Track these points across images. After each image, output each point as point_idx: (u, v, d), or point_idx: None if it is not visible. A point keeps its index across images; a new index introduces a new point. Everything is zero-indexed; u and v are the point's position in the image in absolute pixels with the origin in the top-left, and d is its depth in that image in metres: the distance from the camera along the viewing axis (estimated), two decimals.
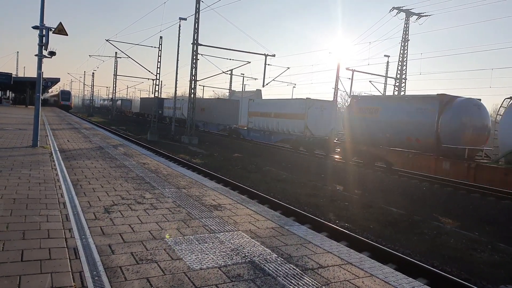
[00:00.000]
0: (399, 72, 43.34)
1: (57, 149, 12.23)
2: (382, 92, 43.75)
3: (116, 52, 56.89)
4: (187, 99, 34.79)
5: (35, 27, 11.69)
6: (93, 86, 76.57)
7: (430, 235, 10.19)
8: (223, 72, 37.83)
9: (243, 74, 67.93)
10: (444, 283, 6.51)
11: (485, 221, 12.46)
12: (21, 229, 4.55)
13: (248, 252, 4.47)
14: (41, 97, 13.34)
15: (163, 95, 70.33)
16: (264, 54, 33.02)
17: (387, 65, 43.69)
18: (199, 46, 31.32)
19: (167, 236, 4.82)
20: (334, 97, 36.37)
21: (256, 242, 4.86)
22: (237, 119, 40.68)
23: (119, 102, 76.87)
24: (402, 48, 43.17)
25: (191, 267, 3.93)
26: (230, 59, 36.12)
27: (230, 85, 61.00)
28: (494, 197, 13.94)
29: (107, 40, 37.04)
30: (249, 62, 36.06)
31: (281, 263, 4.24)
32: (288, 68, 36.90)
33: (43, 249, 4.03)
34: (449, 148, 16.43)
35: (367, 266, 4.36)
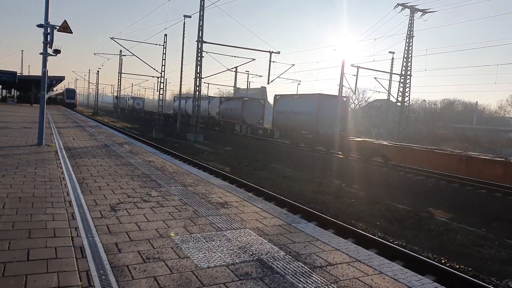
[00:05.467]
0: (404, 68, 43.13)
1: (62, 147, 12.24)
2: (387, 89, 43.57)
3: (120, 50, 57.21)
4: None
5: (39, 25, 11.68)
6: (97, 84, 76.70)
7: (437, 232, 10.12)
8: (228, 70, 37.87)
9: (248, 72, 67.45)
10: (452, 280, 6.45)
11: (492, 217, 12.36)
12: (27, 228, 4.53)
13: (256, 250, 4.43)
14: (46, 96, 13.33)
15: (168, 93, 68.80)
16: (269, 51, 32.98)
17: (392, 62, 43.48)
18: (203, 44, 31.28)
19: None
20: (339, 94, 36.12)
21: (263, 239, 4.82)
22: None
23: (222, 105, 36.77)
24: (407, 44, 42.98)
25: (199, 265, 3.89)
26: (234, 56, 36.03)
27: (235, 83, 60.93)
28: (501, 193, 13.83)
29: (111, 38, 36.99)
30: (254, 59, 35.98)
31: (289, 261, 4.19)
32: (293, 65, 36.48)
33: (49, 248, 4.01)
34: None
35: (375, 263, 4.31)
